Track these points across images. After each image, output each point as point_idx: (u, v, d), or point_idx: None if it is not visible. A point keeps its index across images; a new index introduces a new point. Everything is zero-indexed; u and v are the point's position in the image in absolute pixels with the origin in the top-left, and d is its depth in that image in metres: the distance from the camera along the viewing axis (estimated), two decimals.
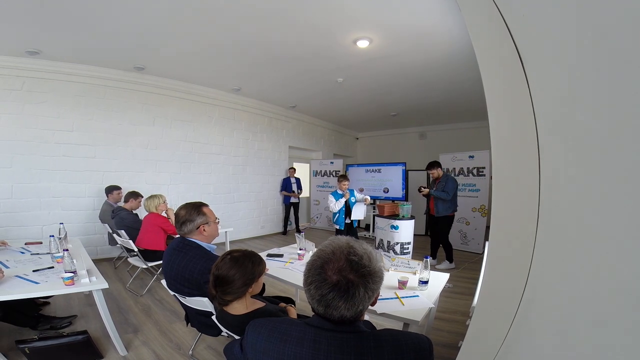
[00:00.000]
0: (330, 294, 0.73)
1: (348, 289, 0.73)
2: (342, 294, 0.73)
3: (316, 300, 0.76)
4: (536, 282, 0.69)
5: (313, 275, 0.77)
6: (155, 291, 3.21)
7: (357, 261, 0.75)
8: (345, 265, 0.75)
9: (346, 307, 0.73)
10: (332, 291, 0.73)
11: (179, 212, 1.70)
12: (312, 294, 0.76)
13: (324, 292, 0.74)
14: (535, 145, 0.67)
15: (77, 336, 1.93)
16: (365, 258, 0.77)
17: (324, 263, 0.76)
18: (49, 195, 3.99)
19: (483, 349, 0.85)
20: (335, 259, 0.76)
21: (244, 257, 1.33)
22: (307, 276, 0.79)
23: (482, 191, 5.17)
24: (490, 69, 0.78)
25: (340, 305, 0.73)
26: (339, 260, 0.75)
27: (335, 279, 0.73)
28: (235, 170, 6.03)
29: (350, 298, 0.73)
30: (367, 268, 0.75)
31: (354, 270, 0.74)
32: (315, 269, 0.77)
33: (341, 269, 0.74)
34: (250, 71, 4.47)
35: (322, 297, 0.74)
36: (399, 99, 5.70)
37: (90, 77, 4.14)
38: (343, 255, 0.76)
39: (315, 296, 0.75)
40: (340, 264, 0.75)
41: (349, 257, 0.76)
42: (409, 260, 2.27)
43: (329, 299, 0.73)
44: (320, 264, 0.77)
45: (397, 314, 1.55)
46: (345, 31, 3.16)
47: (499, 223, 0.81)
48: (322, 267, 0.76)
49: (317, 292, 0.75)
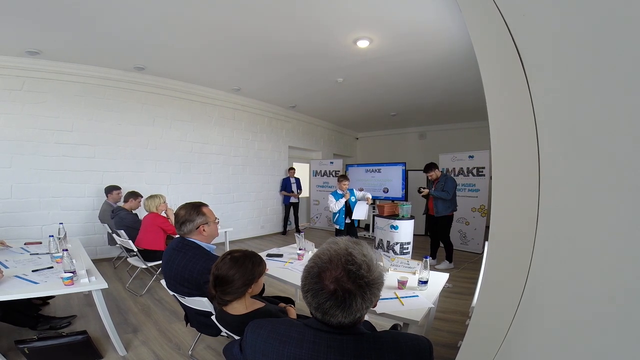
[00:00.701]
0: (327, 302, 0.72)
1: (345, 299, 0.71)
2: (339, 303, 0.71)
3: (313, 307, 0.75)
4: (536, 282, 0.69)
5: (310, 283, 0.75)
6: (155, 291, 3.21)
7: (355, 271, 0.73)
8: (343, 275, 0.72)
9: (343, 316, 0.72)
10: (329, 300, 0.72)
11: (178, 212, 1.70)
12: (309, 301, 0.76)
13: (321, 300, 0.73)
14: (535, 145, 0.67)
15: (77, 336, 1.93)
16: (364, 267, 0.74)
17: (321, 271, 0.74)
18: (48, 195, 3.99)
19: (482, 349, 0.85)
20: (332, 267, 0.74)
21: (244, 257, 1.33)
22: (304, 283, 0.78)
23: (481, 191, 5.17)
24: (490, 69, 0.78)
25: (338, 313, 0.72)
26: (336, 269, 0.73)
27: (332, 288, 0.72)
28: (235, 170, 6.03)
29: (347, 307, 0.72)
30: (366, 278, 0.73)
31: (352, 280, 0.72)
32: (312, 277, 0.75)
33: (338, 279, 0.72)
34: (250, 71, 4.47)
35: (319, 305, 0.73)
36: (399, 98, 5.70)
37: (90, 77, 4.14)
38: (340, 263, 0.74)
39: (312, 304, 0.75)
40: (337, 273, 0.73)
41: (346, 266, 0.73)
42: (408, 260, 2.27)
43: (326, 307, 0.72)
44: (317, 272, 0.75)
45: (396, 314, 1.56)
46: (345, 31, 3.16)
47: (499, 223, 0.81)
48: (319, 276, 0.74)
49: (314, 300, 0.74)
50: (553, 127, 0.63)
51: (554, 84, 0.62)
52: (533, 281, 0.70)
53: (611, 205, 0.49)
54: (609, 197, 0.50)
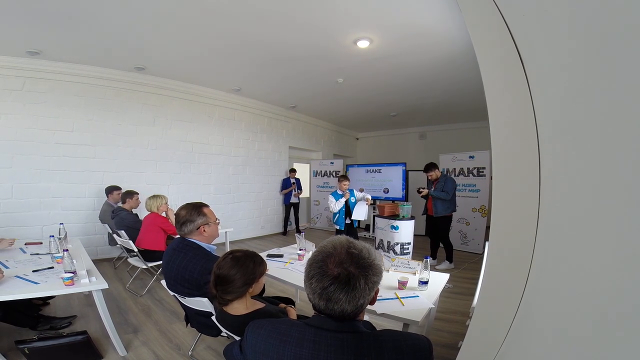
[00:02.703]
0: (332, 286, 0.75)
1: (349, 281, 0.74)
2: (343, 285, 0.74)
3: (317, 294, 0.77)
4: (536, 282, 0.69)
5: (315, 269, 0.78)
6: (155, 291, 3.21)
7: (357, 254, 0.78)
8: (346, 257, 0.77)
9: (347, 300, 0.74)
10: (333, 284, 0.75)
11: (179, 212, 1.70)
12: (313, 287, 0.77)
13: (326, 284, 0.75)
14: (536, 145, 0.67)
15: (77, 336, 1.93)
16: (365, 252, 0.80)
17: (326, 257, 0.78)
18: (49, 195, 3.99)
19: (483, 349, 0.85)
20: (336, 253, 0.78)
21: (245, 257, 1.33)
22: (308, 270, 0.80)
23: (482, 191, 5.17)
24: (491, 69, 0.78)
25: (342, 297, 0.74)
26: (340, 254, 0.78)
27: (336, 271, 0.75)
28: (236, 170, 6.04)
29: (351, 290, 0.74)
30: (367, 260, 0.78)
31: (355, 262, 0.77)
32: (317, 263, 0.79)
33: (342, 262, 0.76)
34: (251, 71, 4.47)
35: (323, 289, 0.75)
36: (399, 99, 5.70)
37: (90, 77, 4.14)
38: (344, 249, 0.79)
39: (317, 290, 0.77)
40: (341, 257, 0.77)
41: (349, 250, 0.79)
42: (408, 260, 2.27)
43: (330, 291, 0.75)
44: (321, 258, 0.79)
45: (397, 314, 1.55)
46: (345, 31, 3.16)
47: (499, 223, 0.81)
48: (324, 261, 0.78)
49: (319, 285, 0.76)
50: (553, 127, 0.63)
51: (554, 83, 0.62)
52: (534, 281, 0.70)
53: (612, 205, 0.49)
54: (609, 197, 0.50)
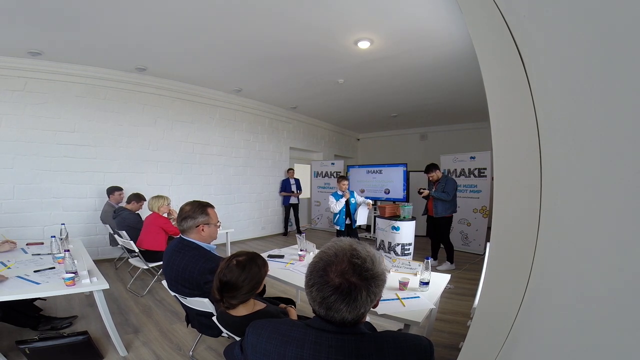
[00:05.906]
0: (332, 296, 0.72)
1: (350, 292, 0.72)
2: (344, 297, 0.72)
3: (317, 302, 0.75)
4: (537, 283, 0.69)
5: (315, 277, 0.76)
6: (156, 292, 3.21)
7: (360, 264, 0.74)
8: (348, 268, 0.74)
9: (348, 310, 0.72)
10: (334, 294, 0.72)
11: (184, 207, 1.71)
12: (313, 296, 0.76)
13: (326, 294, 0.73)
14: (537, 145, 0.67)
15: (78, 337, 1.93)
16: (369, 261, 0.76)
17: (327, 265, 0.75)
18: (50, 196, 4.00)
19: (484, 350, 0.85)
20: (337, 261, 0.75)
21: (249, 261, 1.31)
22: (309, 278, 0.78)
23: (483, 192, 5.16)
24: (491, 70, 0.78)
25: (342, 308, 0.72)
26: (342, 263, 0.74)
27: (337, 281, 0.72)
28: (236, 171, 6.04)
29: (352, 301, 0.72)
30: (370, 271, 0.74)
31: (357, 273, 0.73)
32: (318, 271, 0.76)
33: (344, 272, 0.73)
34: (251, 72, 4.48)
35: (323, 299, 0.73)
36: (400, 99, 5.70)
37: (91, 77, 4.15)
38: (346, 257, 0.75)
39: (317, 299, 0.75)
40: (343, 267, 0.74)
41: (351, 259, 0.75)
42: (409, 261, 2.27)
43: (331, 301, 0.72)
44: (322, 266, 0.76)
45: (398, 315, 1.55)
46: (346, 32, 3.17)
47: (500, 224, 0.80)
48: (325, 270, 0.75)
49: (319, 295, 0.74)
50: (555, 127, 0.63)
51: (555, 84, 0.62)
52: (535, 282, 0.70)
53: (613, 205, 0.49)
54: (611, 197, 0.50)
